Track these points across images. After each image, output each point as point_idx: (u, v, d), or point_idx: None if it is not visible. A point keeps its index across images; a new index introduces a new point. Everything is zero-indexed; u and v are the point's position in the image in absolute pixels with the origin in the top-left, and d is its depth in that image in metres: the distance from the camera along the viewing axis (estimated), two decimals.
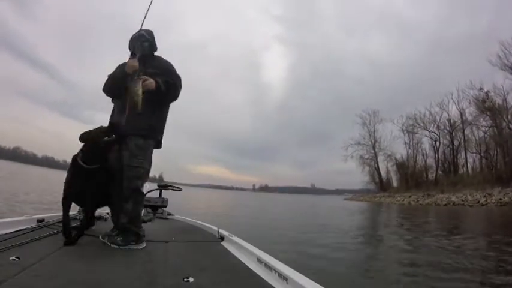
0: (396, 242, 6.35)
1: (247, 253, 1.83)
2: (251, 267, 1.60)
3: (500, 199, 23.55)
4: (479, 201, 24.76)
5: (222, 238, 2.28)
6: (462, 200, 26.73)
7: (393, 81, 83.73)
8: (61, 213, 2.71)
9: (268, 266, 1.52)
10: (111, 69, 2.31)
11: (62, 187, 2.01)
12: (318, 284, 1.19)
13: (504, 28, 48.54)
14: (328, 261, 4.31)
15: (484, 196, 25.50)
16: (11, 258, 1.41)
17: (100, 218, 2.71)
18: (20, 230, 1.98)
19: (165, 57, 2.35)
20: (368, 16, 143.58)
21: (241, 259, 1.78)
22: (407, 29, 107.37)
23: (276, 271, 1.43)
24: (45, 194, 11.23)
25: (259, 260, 1.63)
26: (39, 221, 2.33)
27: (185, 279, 1.34)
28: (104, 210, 2.68)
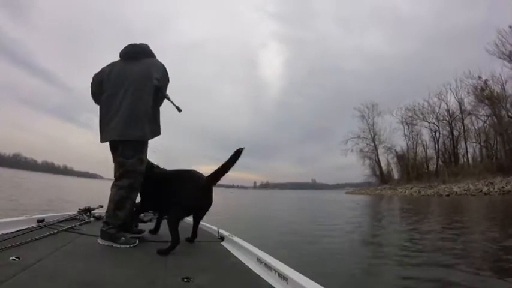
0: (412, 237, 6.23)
1: (247, 253, 1.82)
2: (251, 267, 1.60)
3: (503, 187, 23.67)
4: (481, 191, 24.87)
5: (222, 238, 2.28)
6: (464, 190, 26.85)
7: (391, 74, 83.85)
8: (61, 214, 2.67)
9: (268, 266, 1.53)
10: None
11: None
12: (318, 284, 1.19)
13: (500, 19, 48.37)
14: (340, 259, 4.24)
15: (486, 185, 25.64)
16: (11, 258, 1.38)
17: (100, 218, 2.65)
18: (20, 230, 1.96)
19: (161, 57, 2.37)
20: (364, 10, 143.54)
21: (241, 259, 1.78)
22: (403, 22, 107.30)
23: (276, 271, 1.43)
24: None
25: (259, 260, 1.64)
26: (39, 221, 2.30)
27: (185, 279, 1.32)
28: (103, 210, 2.62)
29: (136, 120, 2.05)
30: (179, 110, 2.22)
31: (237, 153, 1.91)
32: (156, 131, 2.17)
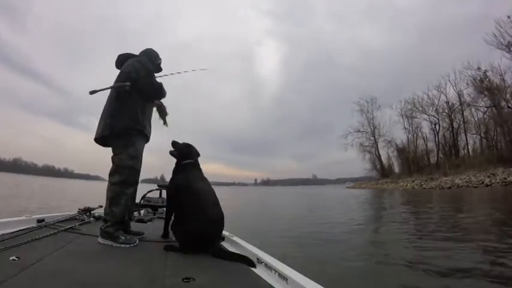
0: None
1: (247, 253, 1.82)
2: (251, 267, 1.60)
3: (505, 178, 23.58)
4: (483, 182, 24.82)
5: (222, 238, 2.26)
6: (466, 182, 26.81)
7: (389, 67, 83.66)
8: (61, 214, 2.68)
9: (268, 266, 1.54)
10: (109, 73, 2.38)
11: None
12: (318, 284, 1.19)
13: (496, 9, 47.98)
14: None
15: (488, 176, 25.57)
16: (11, 258, 1.39)
17: (100, 218, 2.65)
18: (20, 230, 1.96)
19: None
20: (359, 4, 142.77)
21: None
22: (399, 15, 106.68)
23: (276, 271, 1.44)
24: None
25: (259, 260, 1.64)
26: (39, 221, 2.31)
27: (185, 279, 1.32)
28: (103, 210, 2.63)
29: (102, 118, 2.20)
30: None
31: None
32: (115, 124, 2.14)
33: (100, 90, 2.13)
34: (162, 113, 2.53)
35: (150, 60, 2.39)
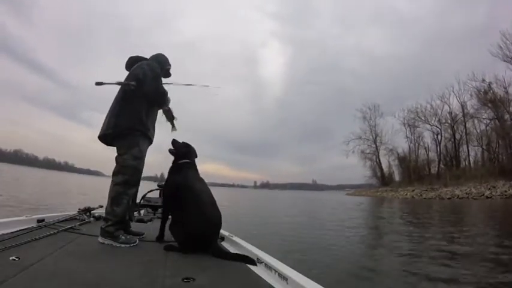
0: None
1: (247, 253, 1.82)
2: (251, 267, 1.60)
3: (505, 191, 23.47)
4: (483, 194, 24.69)
5: (222, 238, 2.26)
6: (466, 193, 26.70)
7: (393, 75, 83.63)
8: (61, 214, 2.69)
9: (268, 266, 1.54)
10: (112, 69, 2.37)
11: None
12: (318, 284, 1.20)
13: (502, 19, 47.88)
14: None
15: (489, 189, 25.45)
16: (11, 258, 1.39)
17: (100, 218, 2.66)
18: (20, 230, 1.96)
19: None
20: (364, 10, 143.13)
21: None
22: (404, 23, 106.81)
23: (276, 271, 1.45)
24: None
25: (259, 260, 1.65)
26: (39, 221, 2.31)
27: (185, 279, 1.32)
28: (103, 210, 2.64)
29: (107, 117, 2.22)
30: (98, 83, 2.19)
31: None
32: (119, 123, 2.16)
33: (107, 83, 2.15)
34: (169, 117, 2.55)
35: (159, 65, 2.40)
